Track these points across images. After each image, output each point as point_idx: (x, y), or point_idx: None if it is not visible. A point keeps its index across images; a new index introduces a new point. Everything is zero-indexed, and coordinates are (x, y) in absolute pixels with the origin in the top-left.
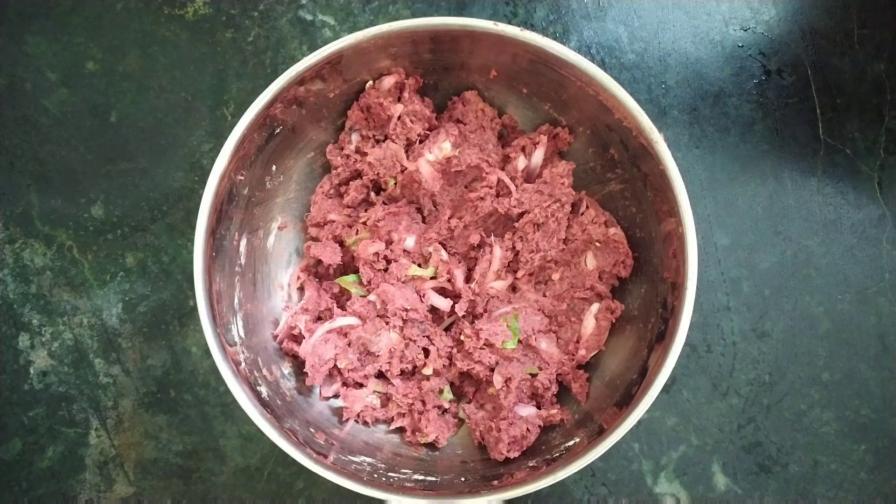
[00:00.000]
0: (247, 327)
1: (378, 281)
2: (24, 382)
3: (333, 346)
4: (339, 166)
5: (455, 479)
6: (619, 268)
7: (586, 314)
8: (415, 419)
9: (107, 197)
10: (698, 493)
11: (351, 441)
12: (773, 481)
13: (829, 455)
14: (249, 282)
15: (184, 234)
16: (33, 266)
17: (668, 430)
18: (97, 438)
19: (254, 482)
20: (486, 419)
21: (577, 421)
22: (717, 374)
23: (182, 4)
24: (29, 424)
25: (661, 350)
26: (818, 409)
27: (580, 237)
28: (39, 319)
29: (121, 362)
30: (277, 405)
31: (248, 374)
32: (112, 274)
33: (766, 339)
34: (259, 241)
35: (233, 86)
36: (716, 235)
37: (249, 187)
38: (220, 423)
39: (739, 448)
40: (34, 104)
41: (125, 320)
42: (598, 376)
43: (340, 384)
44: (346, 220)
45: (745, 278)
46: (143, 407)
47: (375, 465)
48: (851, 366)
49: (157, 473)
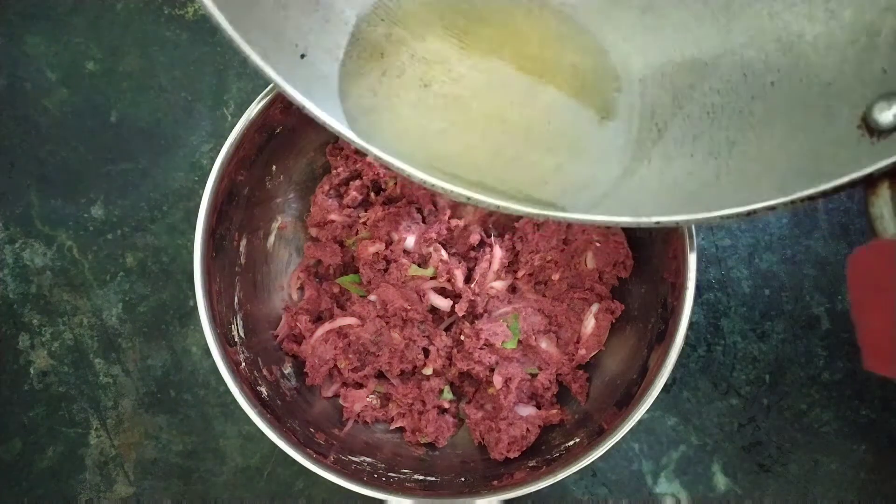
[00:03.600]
0: (247, 327)
1: (378, 281)
2: (24, 382)
3: (333, 346)
4: (339, 166)
5: (455, 479)
6: (619, 268)
7: (586, 314)
8: (415, 419)
9: (107, 197)
10: (698, 493)
11: (351, 441)
12: (773, 481)
13: (829, 455)
14: (249, 282)
15: (184, 234)
16: (33, 266)
17: (668, 430)
18: (97, 438)
19: (254, 482)
20: (486, 419)
21: (577, 421)
22: (717, 374)
23: (182, 4)
24: (29, 424)
25: (661, 350)
26: (818, 409)
27: (580, 237)
28: (39, 319)
29: (121, 362)
30: (277, 405)
31: (248, 374)
32: (112, 274)
33: (766, 339)
34: (259, 241)
35: (233, 86)
36: (716, 235)
37: (249, 187)
38: (220, 423)
39: (739, 448)
40: (34, 104)
41: (125, 320)
42: (598, 376)
43: (340, 384)
44: (346, 220)
45: (745, 278)
46: (143, 407)
47: (375, 465)
48: (851, 366)
49: (157, 473)
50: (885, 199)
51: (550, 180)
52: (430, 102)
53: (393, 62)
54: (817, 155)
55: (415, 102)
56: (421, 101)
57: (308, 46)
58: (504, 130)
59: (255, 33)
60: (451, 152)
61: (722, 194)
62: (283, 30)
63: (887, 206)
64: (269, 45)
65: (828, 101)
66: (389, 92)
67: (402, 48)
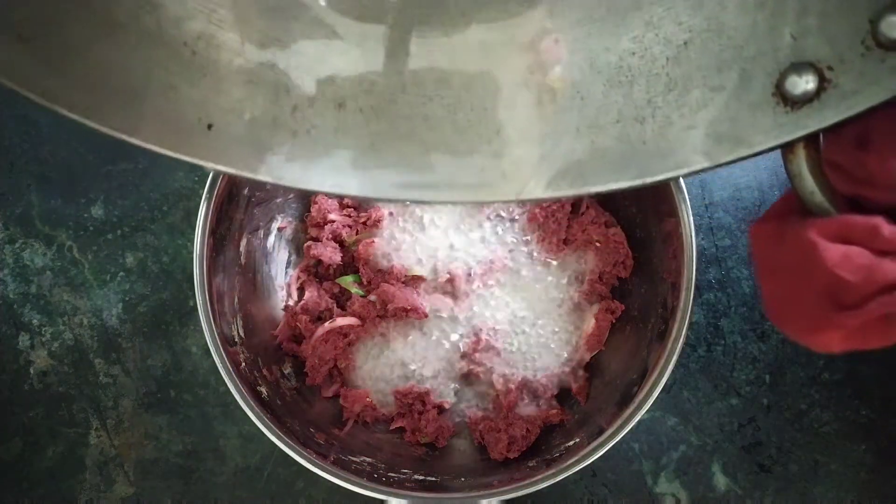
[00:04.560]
0: (247, 327)
1: (378, 281)
2: (24, 382)
3: (333, 346)
4: None
5: (455, 479)
6: (619, 268)
7: (586, 314)
8: (415, 419)
9: (107, 197)
10: (698, 493)
11: (351, 441)
12: (773, 481)
13: (829, 455)
14: (249, 282)
15: (184, 234)
16: (33, 266)
17: (668, 430)
18: (97, 438)
19: (254, 482)
20: (486, 419)
21: (577, 421)
22: (717, 374)
23: None
24: (29, 424)
25: (661, 350)
26: (818, 409)
27: (580, 237)
28: (39, 319)
29: (121, 362)
30: (277, 405)
31: (248, 374)
32: (112, 274)
33: (766, 339)
34: (259, 241)
35: None
36: (716, 236)
37: (249, 187)
38: (220, 423)
39: (739, 448)
40: (34, 104)
41: (125, 320)
42: (598, 376)
43: (340, 384)
44: (346, 220)
45: (745, 278)
46: (143, 407)
47: (375, 465)
48: (851, 366)
49: (157, 473)
50: (800, 157)
51: (487, 166)
52: (350, 120)
53: (300, 95)
54: (736, 120)
55: (335, 127)
56: (341, 123)
57: (211, 115)
58: (429, 127)
59: (153, 125)
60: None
61: (651, 160)
62: (180, 109)
63: (803, 165)
64: (172, 129)
65: (742, 65)
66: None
67: (304, 76)
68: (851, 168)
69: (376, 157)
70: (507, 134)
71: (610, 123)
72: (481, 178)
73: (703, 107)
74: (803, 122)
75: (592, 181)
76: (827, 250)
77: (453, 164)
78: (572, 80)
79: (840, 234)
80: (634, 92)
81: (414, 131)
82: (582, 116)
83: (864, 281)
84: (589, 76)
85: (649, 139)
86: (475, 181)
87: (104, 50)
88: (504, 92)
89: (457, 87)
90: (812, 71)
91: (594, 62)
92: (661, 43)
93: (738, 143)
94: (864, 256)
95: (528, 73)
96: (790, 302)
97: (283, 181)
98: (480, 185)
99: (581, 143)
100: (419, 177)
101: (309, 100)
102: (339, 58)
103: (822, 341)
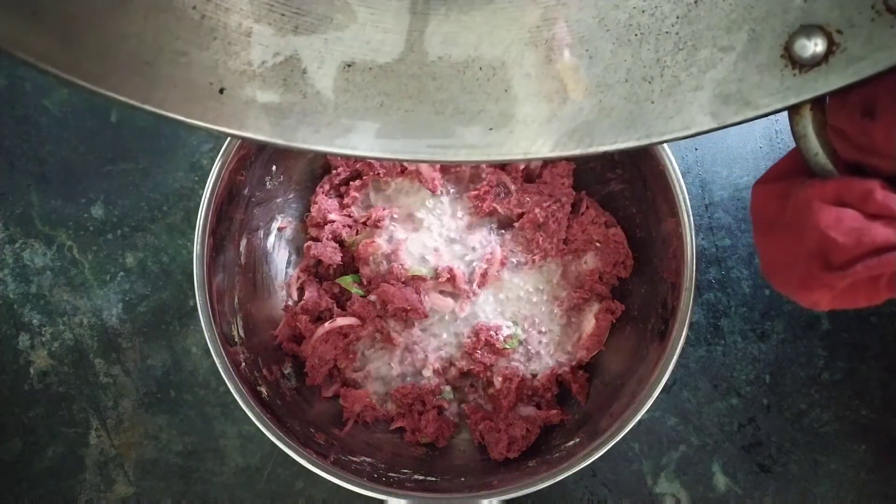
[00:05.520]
0: (247, 327)
1: (378, 281)
2: (24, 382)
3: (333, 346)
4: (339, 166)
5: (455, 479)
6: (619, 268)
7: (586, 314)
8: (415, 419)
9: (107, 197)
10: (698, 493)
11: (351, 441)
12: (773, 481)
13: (829, 455)
14: (249, 282)
15: (184, 234)
16: (33, 266)
17: (668, 430)
18: (97, 438)
19: (254, 482)
20: (485, 419)
21: (577, 421)
22: (717, 374)
23: None
24: (29, 424)
25: (661, 350)
26: (818, 409)
27: (580, 237)
28: (39, 319)
29: (121, 362)
30: (277, 405)
31: (248, 374)
32: (112, 274)
33: (766, 339)
34: (259, 241)
35: None
36: (716, 235)
37: (249, 187)
38: (220, 423)
39: (739, 448)
40: (34, 104)
41: (125, 320)
42: (598, 376)
43: (340, 384)
44: (346, 220)
45: (745, 278)
46: (143, 407)
47: (375, 465)
48: (851, 366)
49: (157, 473)
50: (807, 119)
51: (495, 125)
52: (359, 80)
53: (309, 55)
54: (744, 81)
55: (344, 87)
56: (349, 82)
57: (222, 79)
58: (438, 87)
59: (165, 92)
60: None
61: (657, 120)
62: (191, 75)
63: (809, 126)
64: (184, 95)
65: (752, 26)
66: (317, 86)
67: (313, 37)
68: (856, 136)
69: (385, 117)
70: (515, 92)
71: (618, 82)
72: (489, 137)
73: (712, 67)
74: (811, 85)
75: (599, 140)
76: (821, 210)
77: (462, 123)
78: (581, 38)
79: (837, 197)
80: (643, 51)
81: (423, 91)
82: (590, 75)
83: (853, 243)
84: (598, 34)
85: (657, 99)
86: (484, 140)
87: (114, 19)
88: (512, 50)
89: (464, 45)
90: (821, 34)
91: (603, 19)
92: (671, 1)
93: (745, 104)
94: (856, 219)
95: (537, 31)
96: (783, 260)
97: (294, 143)
98: (489, 144)
99: (588, 102)
100: (428, 136)
101: (318, 60)
102: (346, 17)
103: (812, 299)
